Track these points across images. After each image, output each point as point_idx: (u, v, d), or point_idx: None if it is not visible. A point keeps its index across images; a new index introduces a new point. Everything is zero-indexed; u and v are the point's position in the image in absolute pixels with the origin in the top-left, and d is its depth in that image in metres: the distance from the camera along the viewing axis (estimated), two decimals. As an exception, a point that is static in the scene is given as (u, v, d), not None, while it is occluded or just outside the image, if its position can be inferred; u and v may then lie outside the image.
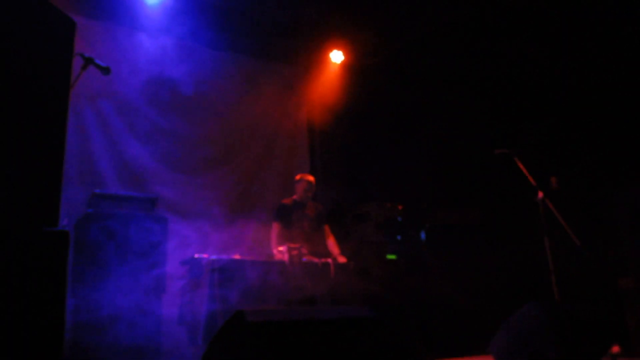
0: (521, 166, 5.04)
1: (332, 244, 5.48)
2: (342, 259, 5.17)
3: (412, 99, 6.98)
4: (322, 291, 4.66)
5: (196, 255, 4.46)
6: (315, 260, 4.84)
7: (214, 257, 4.34)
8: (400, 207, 6.28)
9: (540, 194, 4.94)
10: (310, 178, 5.63)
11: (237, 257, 4.49)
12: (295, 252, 4.70)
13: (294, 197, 5.59)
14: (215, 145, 6.76)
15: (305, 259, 4.78)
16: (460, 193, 6.69)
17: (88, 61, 3.75)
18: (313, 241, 5.34)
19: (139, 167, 6.08)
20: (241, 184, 6.86)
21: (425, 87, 6.92)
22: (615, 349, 4.64)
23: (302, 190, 5.53)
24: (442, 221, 6.30)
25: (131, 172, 6.02)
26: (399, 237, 5.91)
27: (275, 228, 5.38)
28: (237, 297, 4.16)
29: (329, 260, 4.87)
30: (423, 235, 6.08)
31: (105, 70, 3.87)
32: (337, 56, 7.36)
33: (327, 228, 5.61)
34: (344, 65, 7.43)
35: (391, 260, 5.63)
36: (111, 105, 6.04)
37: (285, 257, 4.69)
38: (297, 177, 5.69)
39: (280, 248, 4.80)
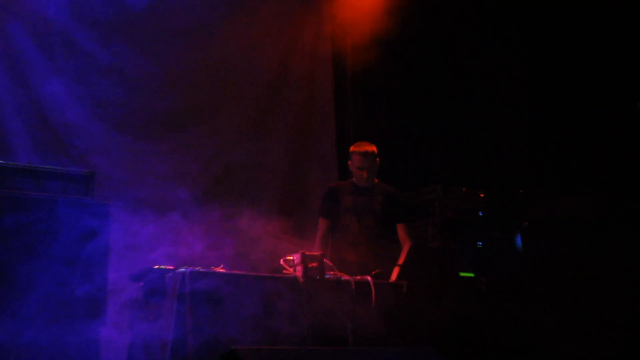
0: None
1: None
2: (393, 276, 5.16)
3: (497, 27, 6.84)
4: (356, 324, 4.60)
5: (155, 267, 4.46)
6: (346, 277, 4.79)
7: (184, 269, 4.25)
8: (481, 195, 6.35)
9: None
10: (367, 147, 5.76)
11: (220, 269, 4.46)
12: (314, 265, 4.62)
13: (353, 179, 5.85)
14: (186, 91, 6.92)
15: (329, 274, 4.73)
16: (575, 174, 6.75)
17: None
18: (369, 246, 5.48)
19: (65, 125, 6.17)
20: (226, 152, 7.00)
21: (518, 10, 6.80)
22: None
23: (355, 169, 5.73)
24: (548, 216, 6.29)
25: (53, 132, 6.12)
26: (479, 243, 5.87)
27: (321, 226, 5.78)
28: (221, 333, 4.05)
29: (368, 277, 4.81)
30: (519, 239, 5.94)
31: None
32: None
33: (401, 228, 5.71)
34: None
35: (466, 279, 5.62)
36: (24, 29, 6.15)
37: (298, 272, 4.61)
38: (351, 148, 5.85)
39: (290, 257, 4.75)
